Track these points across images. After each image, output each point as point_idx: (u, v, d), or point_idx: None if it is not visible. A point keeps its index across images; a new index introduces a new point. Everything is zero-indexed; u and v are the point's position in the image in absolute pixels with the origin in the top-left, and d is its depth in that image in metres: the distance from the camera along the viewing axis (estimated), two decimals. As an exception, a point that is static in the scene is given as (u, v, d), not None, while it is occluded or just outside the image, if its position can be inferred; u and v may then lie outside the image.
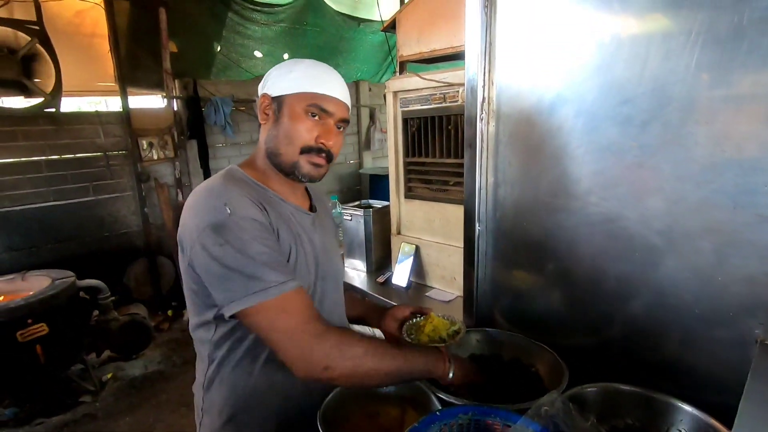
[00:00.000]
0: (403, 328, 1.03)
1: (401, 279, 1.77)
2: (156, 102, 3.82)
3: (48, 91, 2.98)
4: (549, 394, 0.79)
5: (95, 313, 2.82)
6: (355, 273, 1.97)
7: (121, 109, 3.40)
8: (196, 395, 0.95)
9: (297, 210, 0.94)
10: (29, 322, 2.28)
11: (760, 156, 0.71)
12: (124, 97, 3.37)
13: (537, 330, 1.07)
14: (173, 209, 3.69)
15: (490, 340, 1.11)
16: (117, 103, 3.46)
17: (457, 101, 1.49)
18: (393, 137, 1.76)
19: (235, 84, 4.08)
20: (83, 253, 3.39)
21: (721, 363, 0.81)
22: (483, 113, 1.07)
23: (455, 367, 0.87)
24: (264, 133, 0.92)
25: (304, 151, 0.88)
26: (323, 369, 0.75)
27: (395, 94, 1.70)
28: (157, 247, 3.75)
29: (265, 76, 0.93)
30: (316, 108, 0.87)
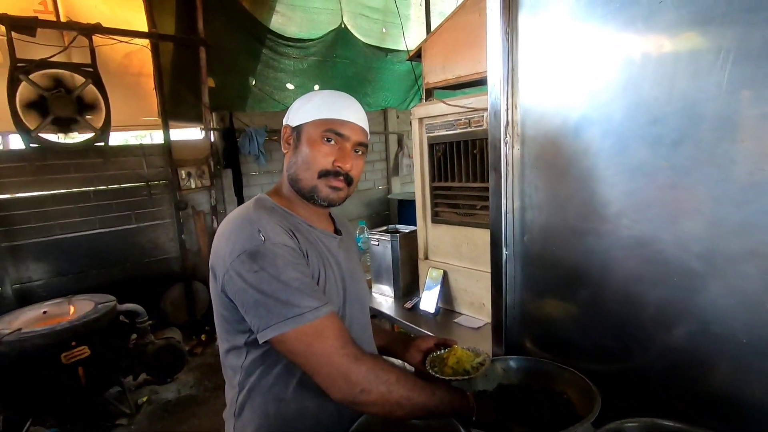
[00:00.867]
0: (427, 360, 1.01)
1: (429, 305, 1.75)
2: (195, 134, 4.04)
3: (98, 127, 3.20)
4: (581, 422, 0.75)
5: (133, 337, 2.92)
6: (383, 298, 1.96)
7: (163, 142, 3.61)
8: (226, 423, 0.95)
9: (324, 234, 0.96)
10: (73, 344, 2.39)
11: (804, 174, 0.67)
12: (166, 131, 3.58)
13: (570, 359, 1.02)
14: (208, 236, 3.82)
15: (518, 368, 1.06)
16: (159, 136, 3.68)
17: (482, 126, 1.49)
18: (419, 163, 1.78)
19: (269, 115, 4.26)
20: (124, 278, 3.54)
21: (776, 398, 0.75)
22: (507, 137, 1.06)
23: (479, 411, 0.84)
24: (286, 162, 0.96)
25: (321, 175, 0.90)
26: (360, 391, 0.76)
27: (421, 120, 1.72)
28: (193, 273, 3.88)
29: (289, 108, 0.99)
30: (331, 133, 0.90)
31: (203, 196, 3.91)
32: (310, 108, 0.93)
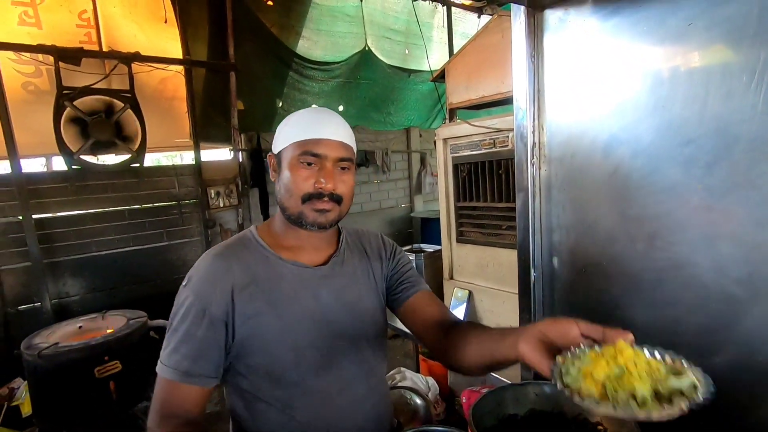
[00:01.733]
0: (556, 361, 0.62)
1: (454, 325, 1.73)
2: (224, 154, 4.17)
3: (135, 149, 3.36)
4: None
5: (162, 353, 2.98)
6: (408, 318, 1.95)
7: (194, 162, 3.74)
8: None
9: (296, 266, 0.93)
10: (106, 359, 2.46)
11: None
12: (197, 152, 3.72)
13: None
14: (235, 253, 3.90)
15: (551, 394, 1.03)
16: (190, 157, 3.82)
17: (507, 146, 1.50)
18: (443, 183, 1.79)
19: (294, 135, 4.38)
20: (155, 294, 3.64)
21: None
22: (534, 158, 1.06)
23: None
24: (276, 190, 0.95)
25: (305, 200, 0.88)
26: None
27: (445, 141, 1.74)
28: (220, 290, 3.95)
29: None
30: (307, 155, 0.87)
31: (231, 214, 4.01)
32: (287, 131, 0.91)
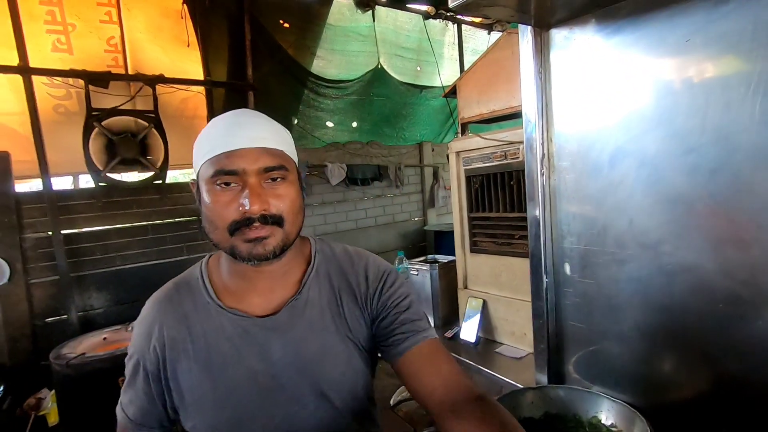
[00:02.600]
0: None
1: (469, 335, 1.75)
2: (242, 170, 4.31)
3: (158, 166, 3.49)
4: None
5: (182, 364, 3.05)
6: (423, 328, 1.99)
7: (214, 178, 3.87)
8: None
9: (228, 318, 0.79)
10: (129, 369, 2.53)
11: None
12: (216, 168, 3.85)
13: (616, 388, 1.01)
14: (252, 266, 3.99)
15: (566, 397, 1.06)
16: (210, 173, 3.95)
17: (518, 158, 1.55)
18: (456, 194, 1.84)
19: (310, 151, 4.49)
20: (175, 308, 3.73)
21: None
22: (544, 168, 1.11)
23: None
24: None
25: (233, 231, 0.71)
26: None
27: (458, 153, 1.80)
28: (237, 303, 4.03)
29: None
30: (221, 174, 0.70)
31: (248, 228, 4.12)
32: (198, 150, 0.75)
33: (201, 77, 3.74)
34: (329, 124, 4.60)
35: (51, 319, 3.28)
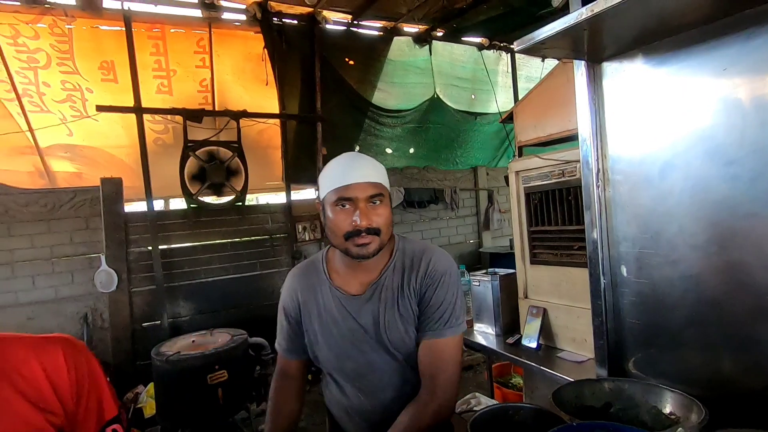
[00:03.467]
0: None
1: (531, 341, 1.87)
2: (310, 194, 4.68)
3: (238, 190, 3.94)
4: (679, 424, 0.86)
5: (257, 368, 3.34)
6: (484, 336, 2.11)
7: (285, 201, 4.27)
8: None
9: (335, 293, 1.16)
10: (216, 368, 2.85)
11: None
12: (288, 192, 4.25)
13: (673, 380, 1.10)
14: (317, 283, 4.28)
15: (628, 389, 1.16)
16: (282, 197, 4.36)
17: (575, 175, 1.69)
18: (516, 210, 1.99)
19: (370, 176, 4.80)
20: (248, 318, 4.09)
21: None
22: (599, 182, 1.26)
23: None
24: None
25: (347, 238, 1.05)
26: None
27: (517, 173, 1.97)
28: (303, 316, 4.32)
29: None
30: (341, 200, 1.05)
31: (314, 247, 4.45)
32: (324, 182, 1.09)
33: (277, 111, 4.20)
34: (388, 150, 4.92)
35: (147, 324, 3.74)
